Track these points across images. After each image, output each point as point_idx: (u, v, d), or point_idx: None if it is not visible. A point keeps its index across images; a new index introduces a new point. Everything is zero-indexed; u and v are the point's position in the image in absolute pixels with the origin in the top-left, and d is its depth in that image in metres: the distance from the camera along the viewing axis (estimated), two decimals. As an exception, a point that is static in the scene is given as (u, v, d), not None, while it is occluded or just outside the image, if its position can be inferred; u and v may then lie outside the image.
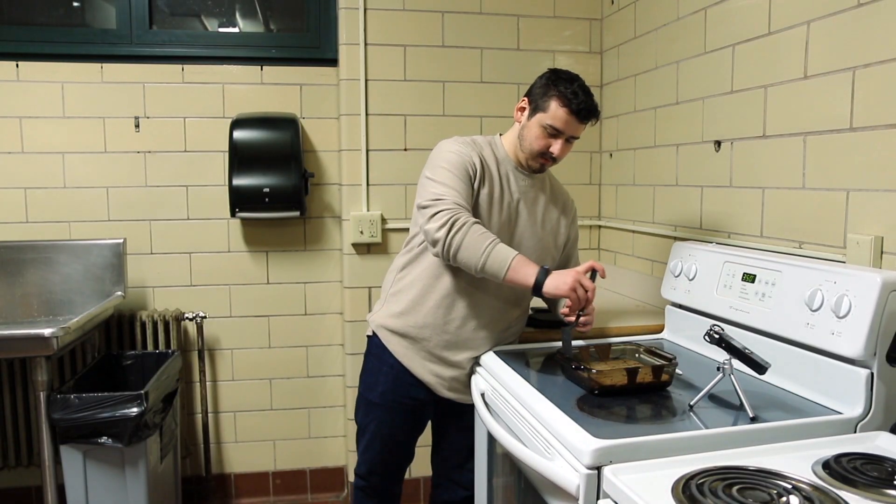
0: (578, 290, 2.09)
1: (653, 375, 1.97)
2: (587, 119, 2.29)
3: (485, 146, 2.41)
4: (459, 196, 2.22)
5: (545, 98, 2.28)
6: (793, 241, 2.27)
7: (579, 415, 1.79)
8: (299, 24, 3.77)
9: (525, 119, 2.36)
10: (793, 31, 2.25)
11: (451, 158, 2.29)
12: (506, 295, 2.41)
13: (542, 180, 2.49)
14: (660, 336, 2.64)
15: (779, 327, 2.01)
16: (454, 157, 2.30)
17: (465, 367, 2.43)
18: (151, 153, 3.60)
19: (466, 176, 2.28)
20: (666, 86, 3.04)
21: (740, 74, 2.53)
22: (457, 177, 2.25)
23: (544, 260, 2.45)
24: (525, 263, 2.12)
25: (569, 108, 2.24)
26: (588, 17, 3.72)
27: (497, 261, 2.11)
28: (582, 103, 2.25)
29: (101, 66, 3.53)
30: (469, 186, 2.28)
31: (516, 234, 2.40)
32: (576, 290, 2.09)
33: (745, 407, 1.77)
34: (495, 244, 2.13)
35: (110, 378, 3.32)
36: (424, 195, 2.25)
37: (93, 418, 2.79)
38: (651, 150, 3.20)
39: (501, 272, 2.12)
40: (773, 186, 2.37)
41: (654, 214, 3.19)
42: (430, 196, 2.22)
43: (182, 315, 3.58)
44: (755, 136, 2.45)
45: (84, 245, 3.42)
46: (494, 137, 2.47)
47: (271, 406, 3.82)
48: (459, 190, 2.23)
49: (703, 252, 2.46)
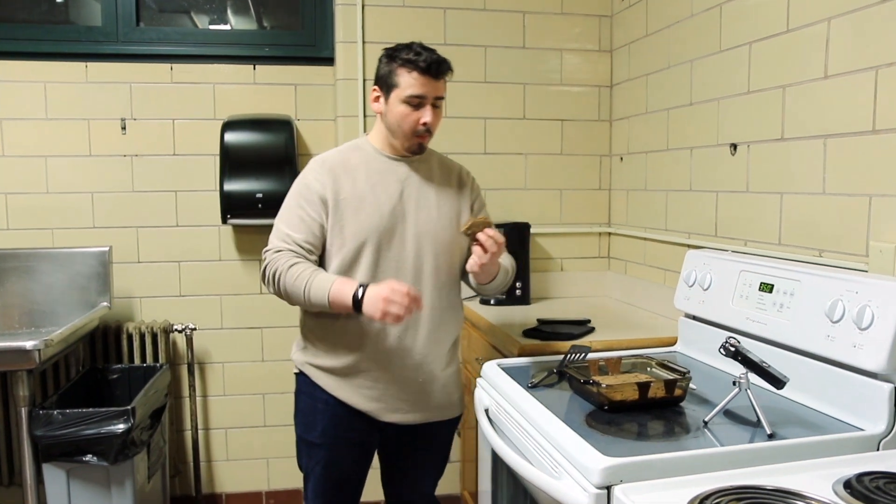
0: (392, 306, 2.09)
1: (665, 390, 1.98)
2: (441, 73, 2.31)
3: (348, 152, 2.44)
4: (289, 234, 2.30)
5: (391, 74, 2.31)
6: (812, 249, 2.28)
7: (588, 431, 1.80)
8: (294, 21, 3.79)
9: (383, 105, 2.37)
10: (813, 28, 2.26)
11: (292, 192, 2.39)
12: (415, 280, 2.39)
13: (426, 161, 2.48)
14: (673, 349, 2.64)
15: (798, 340, 2.01)
16: (295, 188, 2.39)
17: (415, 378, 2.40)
18: (139, 156, 3.61)
19: (309, 202, 2.33)
20: (679, 86, 3.05)
21: (757, 74, 2.54)
22: (294, 212, 2.34)
23: (452, 251, 2.44)
24: (343, 285, 2.19)
25: (417, 68, 2.27)
26: (598, 14, 3.74)
27: (318, 293, 2.20)
28: (427, 59, 2.28)
29: (85, 65, 3.55)
30: (313, 211, 2.31)
31: (408, 231, 2.37)
32: (388, 309, 2.09)
33: (763, 423, 1.77)
34: (312, 278, 2.21)
35: (95, 393, 3.33)
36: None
37: (77, 435, 2.79)
38: (664, 154, 3.21)
39: (325, 302, 2.20)
40: (791, 192, 2.37)
41: (666, 221, 3.20)
42: (265, 247, 2.35)
43: (171, 327, 3.58)
44: (773, 138, 2.45)
45: (68, 253, 3.43)
46: (359, 139, 2.50)
47: (265, 422, 3.82)
48: (293, 225, 2.32)
49: (718, 261, 2.47)
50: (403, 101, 2.30)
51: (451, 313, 2.49)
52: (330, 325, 2.36)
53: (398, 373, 2.39)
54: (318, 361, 2.40)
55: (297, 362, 2.48)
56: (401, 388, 2.40)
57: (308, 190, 2.34)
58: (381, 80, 2.36)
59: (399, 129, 2.34)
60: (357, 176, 2.37)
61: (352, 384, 2.37)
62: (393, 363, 2.37)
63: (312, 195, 2.32)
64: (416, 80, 2.27)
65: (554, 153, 3.76)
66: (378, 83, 2.39)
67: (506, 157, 3.72)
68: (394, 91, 2.31)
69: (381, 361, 2.37)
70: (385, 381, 2.38)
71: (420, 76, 2.27)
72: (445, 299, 2.45)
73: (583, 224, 3.82)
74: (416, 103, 2.30)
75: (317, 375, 2.41)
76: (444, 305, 2.44)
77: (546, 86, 3.73)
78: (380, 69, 2.37)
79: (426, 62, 2.27)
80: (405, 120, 2.32)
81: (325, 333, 2.38)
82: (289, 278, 2.22)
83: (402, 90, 2.29)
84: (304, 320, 2.47)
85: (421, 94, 2.29)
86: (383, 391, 2.39)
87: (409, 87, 2.28)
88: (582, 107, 3.77)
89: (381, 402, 2.39)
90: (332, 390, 2.38)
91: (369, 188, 2.36)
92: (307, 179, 2.36)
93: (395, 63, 2.30)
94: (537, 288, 3.72)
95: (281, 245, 2.30)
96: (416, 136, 2.35)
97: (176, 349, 3.70)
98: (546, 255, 3.79)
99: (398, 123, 2.33)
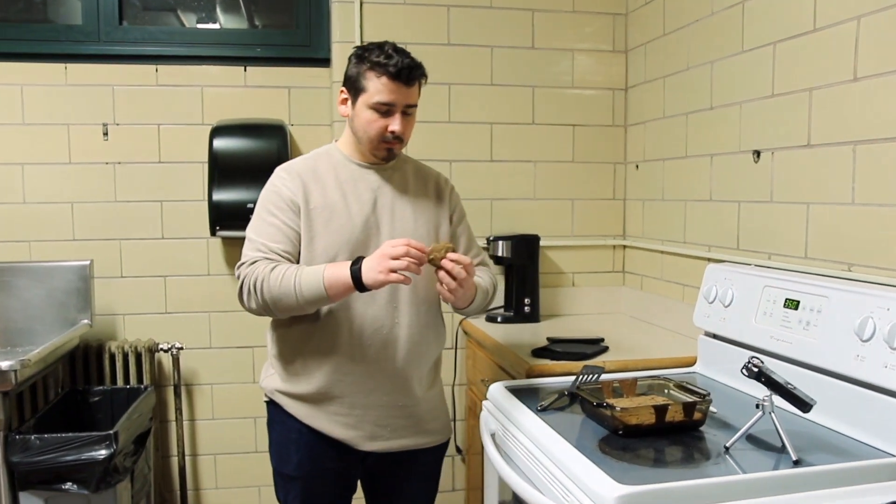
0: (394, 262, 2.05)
1: (684, 413, 1.99)
2: (412, 79, 2.28)
3: (316, 159, 2.42)
4: (265, 244, 2.27)
5: (360, 76, 2.28)
6: (841, 262, 2.29)
7: (601, 458, 1.81)
8: (287, 19, 3.82)
9: (350, 109, 2.35)
10: (841, 27, 2.28)
11: (262, 201, 2.36)
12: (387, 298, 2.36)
13: (400, 168, 2.47)
14: (692, 369, 2.66)
15: (825, 360, 2.02)
16: (264, 197, 2.36)
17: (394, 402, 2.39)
18: (122, 164, 3.64)
19: (281, 209, 2.30)
20: (699, 89, 3.08)
21: (782, 76, 2.56)
22: (266, 220, 2.31)
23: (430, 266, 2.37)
24: (336, 267, 2.15)
25: (387, 73, 2.23)
26: (611, 12, 3.77)
27: (311, 284, 2.14)
28: (398, 63, 2.23)
29: (65, 66, 3.58)
30: (287, 218, 2.29)
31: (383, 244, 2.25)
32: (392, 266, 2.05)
33: (788, 449, 1.78)
34: (299, 272, 2.17)
35: (75, 417, 3.34)
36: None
37: (56, 462, 2.80)
38: (682, 161, 3.23)
39: (321, 291, 2.14)
40: (818, 202, 2.39)
41: (685, 233, 3.22)
42: (238, 262, 2.30)
43: (156, 346, 3.60)
44: (799, 145, 2.47)
45: (46, 267, 3.44)
46: (329, 145, 2.49)
47: (256, 448, 3.82)
48: (268, 234, 2.29)
49: (740, 275, 2.48)
50: (371, 108, 2.27)
51: (431, 331, 2.46)
52: (301, 345, 2.35)
53: (376, 397, 2.36)
54: (288, 388, 2.38)
55: (267, 390, 2.45)
56: (380, 413, 2.38)
57: (279, 197, 2.31)
58: (349, 81, 2.33)
59: (365, 135, 2.31)
60: (326, 184, 2.35)
61: (326, 412, 2.35)
62: (369, 386, 2.35)
63: (283, 202, 2.30)
64: (385, 87, 2.24)
65: (565, 161, 3.78)
66: (346, 84, 2.35)
67: (513, 165, 3.74)
68: (361, 95, 2.28)
69: (357, 385, 2.34)
70: (362, 406, 2.35)
71: (390, 82, 2.24)
72: (424, 317, 2.42)
73: (596, 236, 3.84)
74: (385, 110, 2.27)
75: (288, 404, 2.38)
76: (423, 323, 2.41)
77: (556, 89, 3.75)
78: (348, 69, 2.34)
79: (397, 67, 2.23)
80: (371, 126, 2.29)
81: (294, 356, 2.36)
82: (273, 282, 2.16)
83: (370, 95, 2.26)
84: (271, 342, 2.45)
85: (389, 101, 2.26)
86: (360, 418, 2.36)
87: (377, 92, 2.25)
88: (595, 111, 3.79)
89: (359, 430, 2.36)
90: (306, 419, 2.36)
91: (340, 197, 2.34)
92: (275, 186, 2.34)
93: (364, 65, 2.27)
94: (547, 304, 3.74)
95: (256, 255, 2.26)
96: (384, 143, 2.32)
97: (161, 370, 3.72)
98: (556, 270, 3.80)
99: (364, 129, 2.31)
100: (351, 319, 2.31)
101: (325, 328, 2.32)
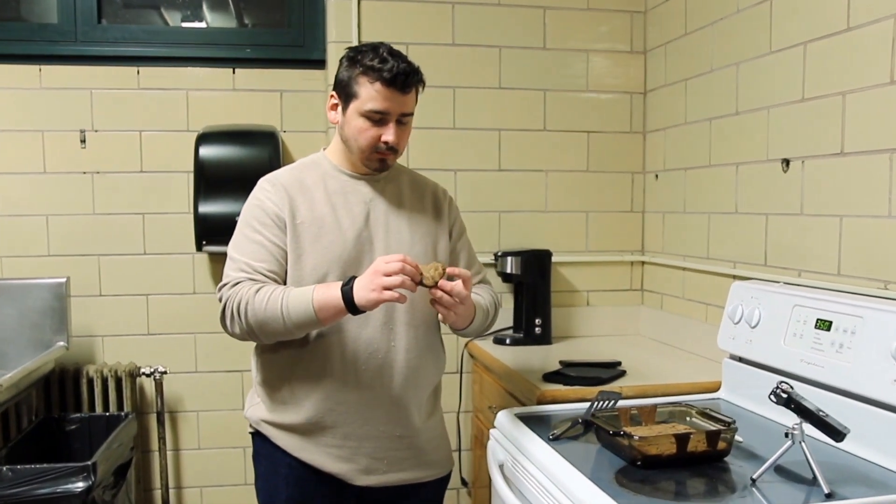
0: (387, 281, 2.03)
1: (707, 443, 1.99)
2: (408, 86, 2.25)
3: (302, 170, 2.40)
4: (248, 263, 2.24)
5: (352, 81, 2.26)
6: (877, 280, 2.30)
7: (618, 491, 1.81)
8: (279, 18, 3.84)
9: (341, 115, 2.33)
10: (877, 25, 2.29)
11: (244, 216, 2.33)
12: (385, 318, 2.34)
13: (395, 179, 2.46)
14: (716, 395, 2.66)
15: (859, 385, 2.03)
16: (247, 211, 2.33)
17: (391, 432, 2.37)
18: (101, 174, 3.65)
19: (265, 224, 2.28)
20: (723, 92, 3.09)
21: (813, 79, 2.57)
22: (249, 237, 2.28)
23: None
24: (327, 288, 2.12)
25: (381, 79, 2.20)
26: (629, 10, 3.78)
27: (299, 306, 2.11)
28: (394, 68, 2.20)
29: (39, 68, 3.59)
30: (272, 234, 2.27)
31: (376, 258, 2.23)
32: (385, 283, 2.02)
33: (820, 481, 1.78)
34: (286, 294, 2.14)
35: (50, 446, 3.34)
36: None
37: (29, 495, 2.80)
38: (705, 171, 3.24)
39: (311, 314, 2.10)
40: (853, 214, 2.40)
41: (708, 248, 3.22)
42: (220, 283, 2.28)
43: (137, 370, 3.60)
44: (831, 153, 2.48)
45: (19, 285, 3.45)
46: (316, 154, 2.47)
47: (245, 480, 3.82)
48: (251, 253, 2.26)
49: (768, 294, 2.49)
50: (363, 115, 2.24)
51: (430, 355, 2.44)
52: (288, 371, 2.33)
53: (371, 427, 2.33)
54: (275, 418, 2.35)
55: (252, 420, 2.42)
56: (376, 445, 2.35)
57: (262, 211, 2.29)
58: (340, 86, 2.31)
59: (356, 144, 2.29)
60: (314, 196, 2.33)
61: (317, 443, 2.32)
62: (364, 416, 2.32)
63: (267, 217, 2.28)
64: (379, 94, 2.21)
65: (579, 170, 3.79)
66: (336, 89, 2.33)
67: (523, 175, 3.75)
68: (353, 102, 2.26)
69: (351, 414, 2.31)
70: (356, 437, 2.32)
71: (384, 88, 2.21)
72: (423, 339, 2.40)
73: (612, 252, 3.84)
74: (378, 119, 2.25)
75: (275, 435, 2.35)
76: (421, 346, 2.39)
77: (570, 92, 3.76)
78: (339, 72, 2.31)
79: (392, 72, 2.20)
80: (362, 135, 2.26)
81: (281, 382, 2.33)
82: (258, 304, 2.13)
83: (362, 102, 2.23)
84: (256, 368, 2.43)
85: (383, 109, 2.23)
86: (355, 450, 2.33)
87: (370, 99, 2.22)
88: (611, 117, 3.80)
89: (353, 463, 2.33)
90: (295, 451, 2.33)
91: (329, 210, 2.32)
92: (259, 200, 2.31)
93: (357, 69, 2.24)
94: (560, 325, 3.74)
95: (239, 276, 2.23)
96: (377, 153, 2.29)
97: (143, 396, 3.72)
98: (570, 288, 3.81)
99: (355, 138, 2.28)
100: (343, 343, 2.29)
101: (315, 352, 2.30)
